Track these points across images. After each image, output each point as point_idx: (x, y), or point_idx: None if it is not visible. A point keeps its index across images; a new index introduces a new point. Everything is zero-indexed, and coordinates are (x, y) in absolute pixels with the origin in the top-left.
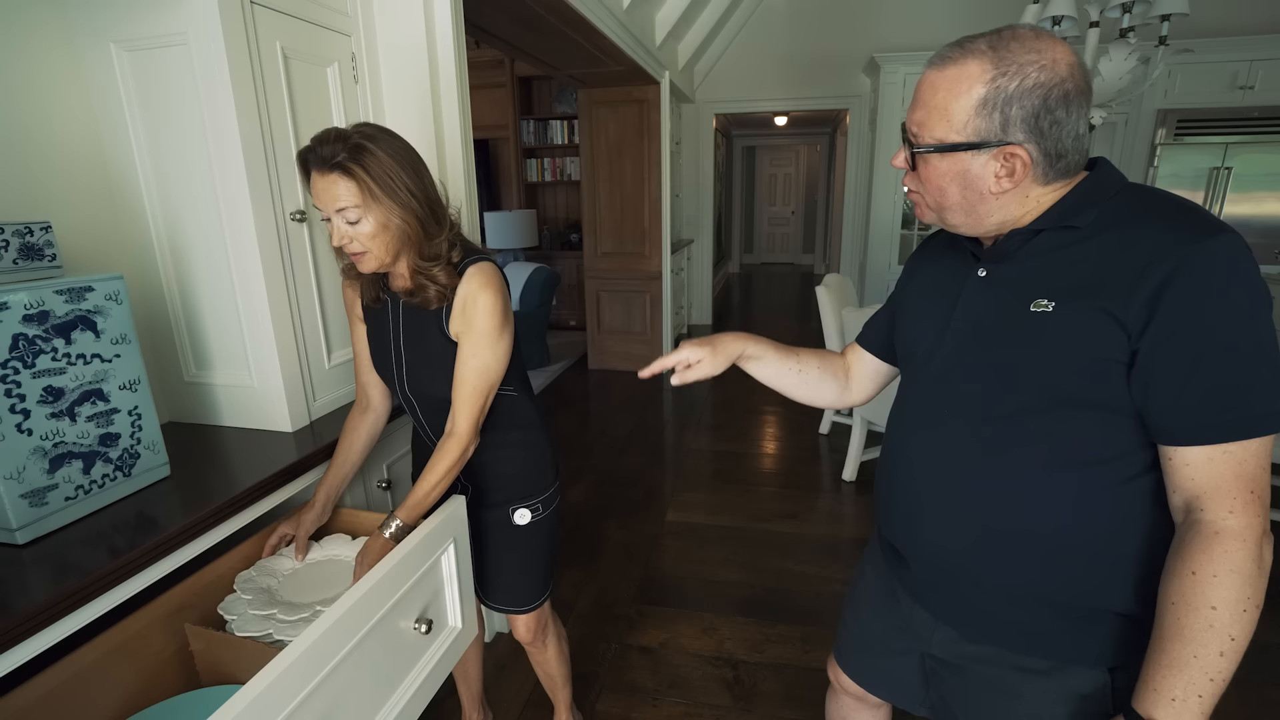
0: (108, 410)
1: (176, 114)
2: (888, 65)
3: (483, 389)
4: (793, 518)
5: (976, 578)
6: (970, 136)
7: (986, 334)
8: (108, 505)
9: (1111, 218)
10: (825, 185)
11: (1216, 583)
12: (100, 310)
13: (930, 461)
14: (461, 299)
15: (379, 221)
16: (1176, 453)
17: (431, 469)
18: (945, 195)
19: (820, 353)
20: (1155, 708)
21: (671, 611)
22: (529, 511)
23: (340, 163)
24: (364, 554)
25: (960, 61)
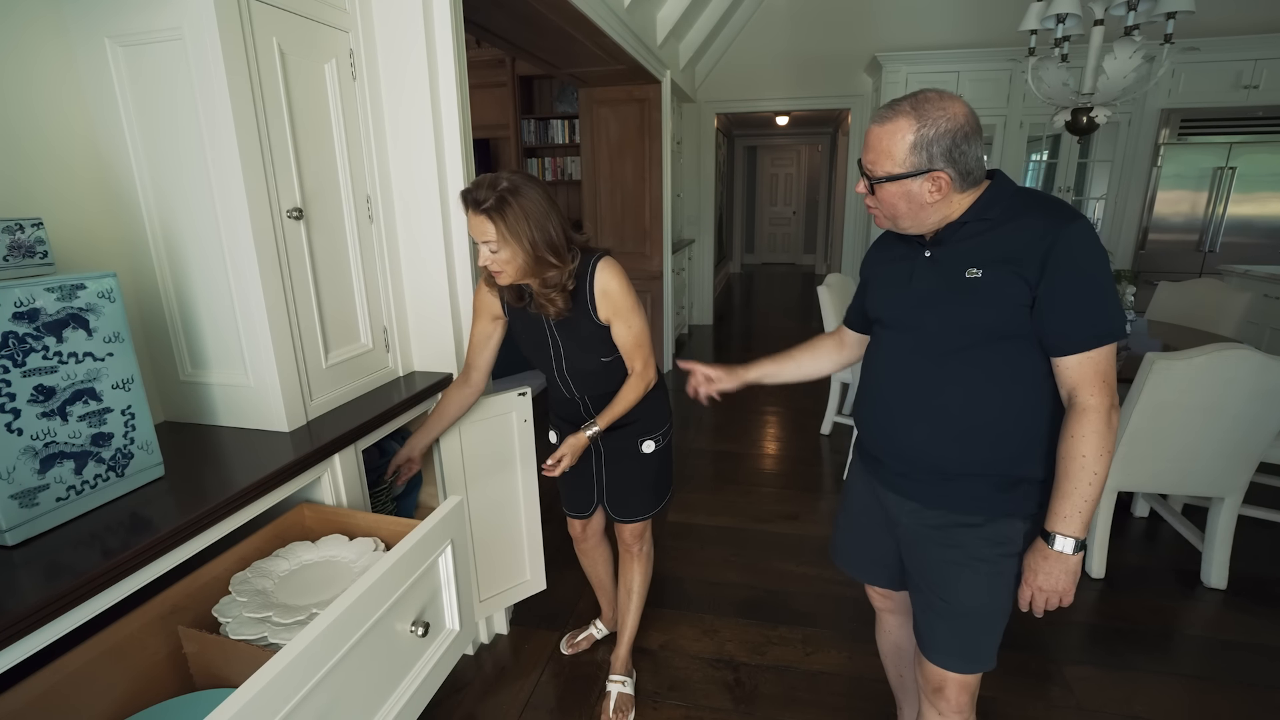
0: (100, 410)
1: (171, 110)
2: (890, 65)
3: (644, 341)
4: (794, 519)
5: (935, 462)
6: (908, 168)
7: (935, 295)
8: (100, 506)
9: (1012, 211)
10: (826, 185)
11: (1084, 440)
12: (92, 308)
13: (902, 385)
14: (600, 290)
15: (511, 253)
16: (1061, 360)
17: (624, 395)
18: (897, 209)
19: (807, 343)
20: (1056, 524)
21: (672, 613)
22: (653, 442)
23: (487, 209)
24: (570, 443)
25: (893, 119)
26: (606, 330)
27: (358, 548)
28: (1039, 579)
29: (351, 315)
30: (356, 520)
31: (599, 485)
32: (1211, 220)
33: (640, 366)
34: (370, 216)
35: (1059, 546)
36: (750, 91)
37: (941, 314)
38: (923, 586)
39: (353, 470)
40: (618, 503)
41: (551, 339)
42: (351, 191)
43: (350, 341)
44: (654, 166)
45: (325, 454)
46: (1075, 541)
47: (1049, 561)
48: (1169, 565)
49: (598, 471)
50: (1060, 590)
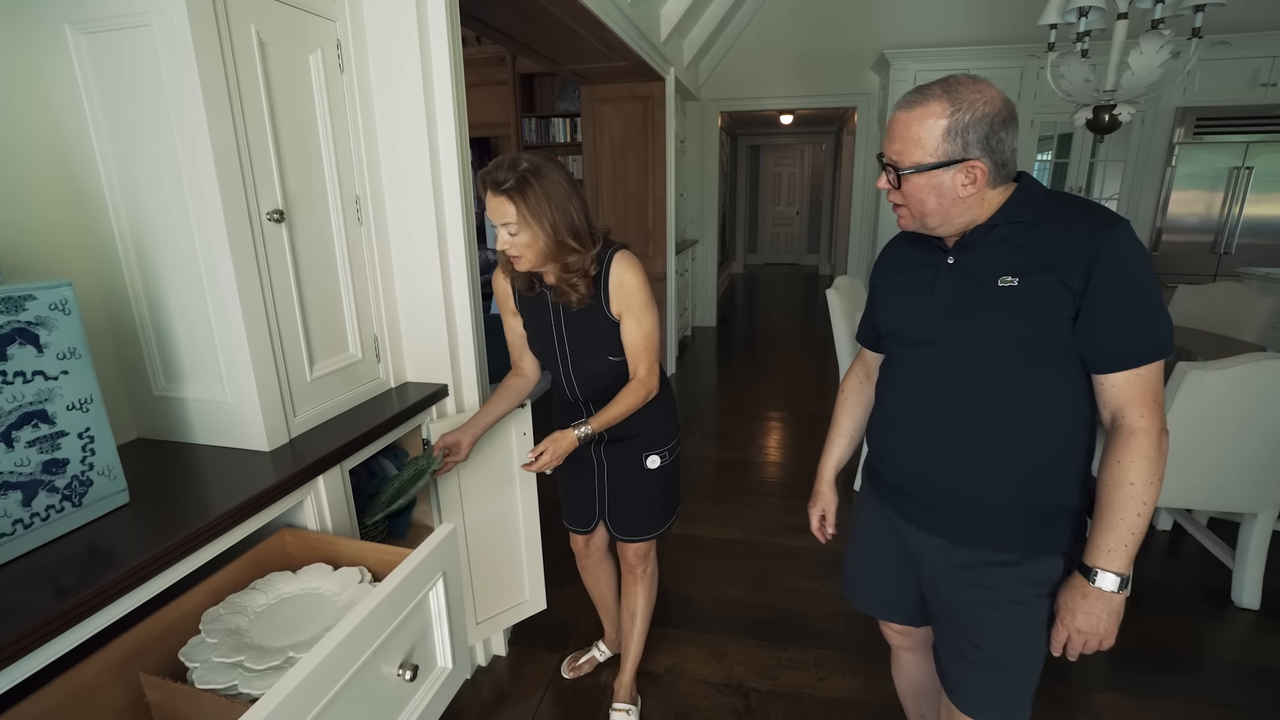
0: (52, 434)
1: (140, 102)
2: (898, 62)
3: (653, 345)
4: (803, 531)
5: (967, 496)
6: (940, 157)
7: (963, 306)
8: (54, 540)
9: (1047, 214)
10: (830, 185)
11: (1134, 466)
12: (43, 322)
13: (925, 408)
14: (615, 283)
15: (532, 234)
16: (1106, 378)
17: (622, 399)
18: (925, 205)
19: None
20: (1099, 559)
21: (678, 633)
22: (658, 457)
23: (508, 189)
24: (557, 442)
25: (924, 104)
26: (617, 326)
27: (342, 579)
28: (1077, 619)
29: (339, 324)
30: (342, 548)
31: (600, 500)
32: (1227, 221)
33: (644, 372)
34: (359, 218)
35: (1101, 583)
36: (755, 89)
37: (971, 327)
38: (950, 630)
39: (339, 492)
40: (620, 520)
41: (558, 333)
42: (339, 192)
43: (338, 352)
44: (658, 165)
45: (308, 476)
46: (1120, 578)
47: (1089, 600)
48: (1196, 583)
49: (599, 486)
50: (1101, 632)
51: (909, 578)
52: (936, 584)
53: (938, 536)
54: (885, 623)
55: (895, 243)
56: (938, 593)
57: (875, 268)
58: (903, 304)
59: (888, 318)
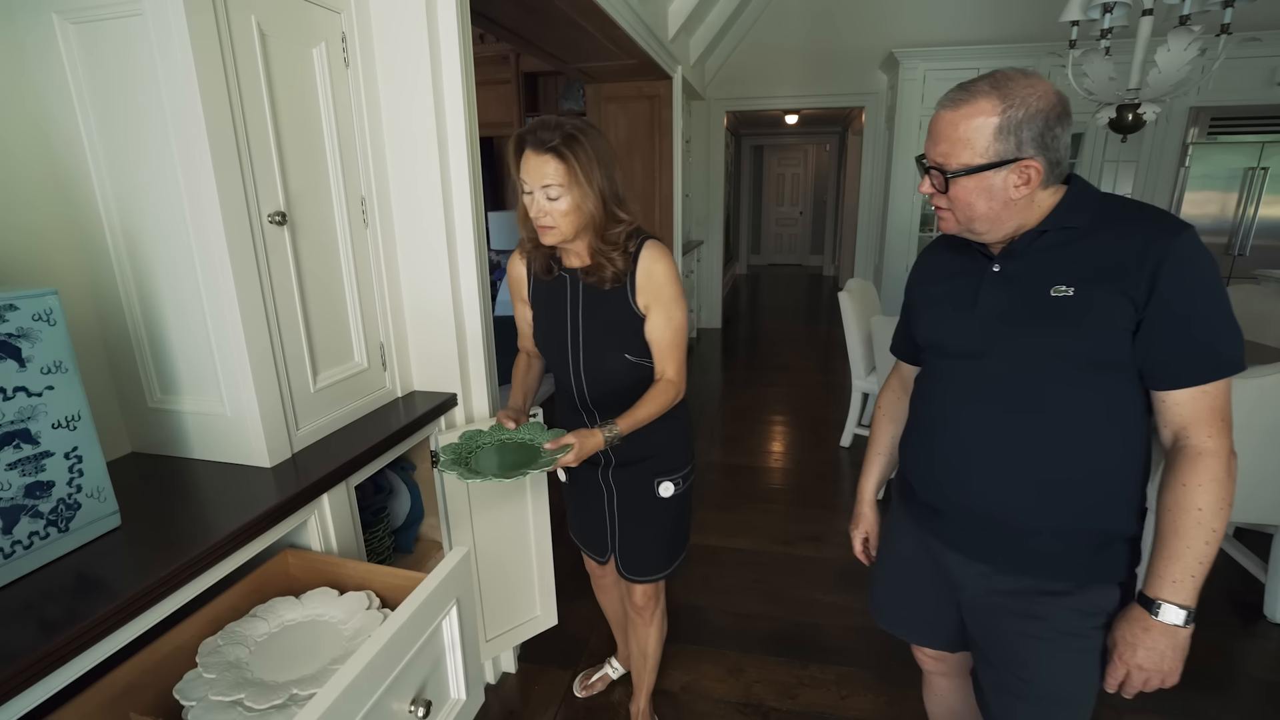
0: (36, 454)
1: (133, 98)
2: (907, 61)
3: (681, 342)
4: (817, 540)
5: (1016, 520)
6: (991, 158)
7: (1011, 317)
8: (38, 569)
9: (1104, 218)
10: (835, 185)
11: (1201, 490)
12: (26, 334)
13: (970, 426)
14: (645, 271)
15: (573, 202)
16: (1169, 395)
17: (652, 399)
18: (973, 209)
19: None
20: (1163, 590)
21: (693, 649)
22: (671, 484)
23: (555, 146)
24: (584, 442)
25: (971, 101)
26: (640, 321)
27: (348, 605)
28: (1138, 655)
29: (344, 331)
30: (348, 570)
31: (611, 532)
32: (1241, 222)
33: (673, 372)
34: (365, 221)
35: (1165, 617)
36: (761, 89)
37: (1020, 340)
38: (995, 662)
39: (344, 510)
40: (628, 557)
41: (573, 323)
42: (344, 193)
43: (342, 361)
44: (664, 165)
45: (312, 494)
46: (1186, 611)
47: (1151, 634)
48: (1225, 595)
49: (610, 515)
50: (1165, 670)
51: (946, 603)
52: (979, 612)
53: (980, 562)
54: (918, 647)
55: (933, 248)
56: (981, 622)
57: (912, 275)
58: (943, 315)
59: (927, 329)
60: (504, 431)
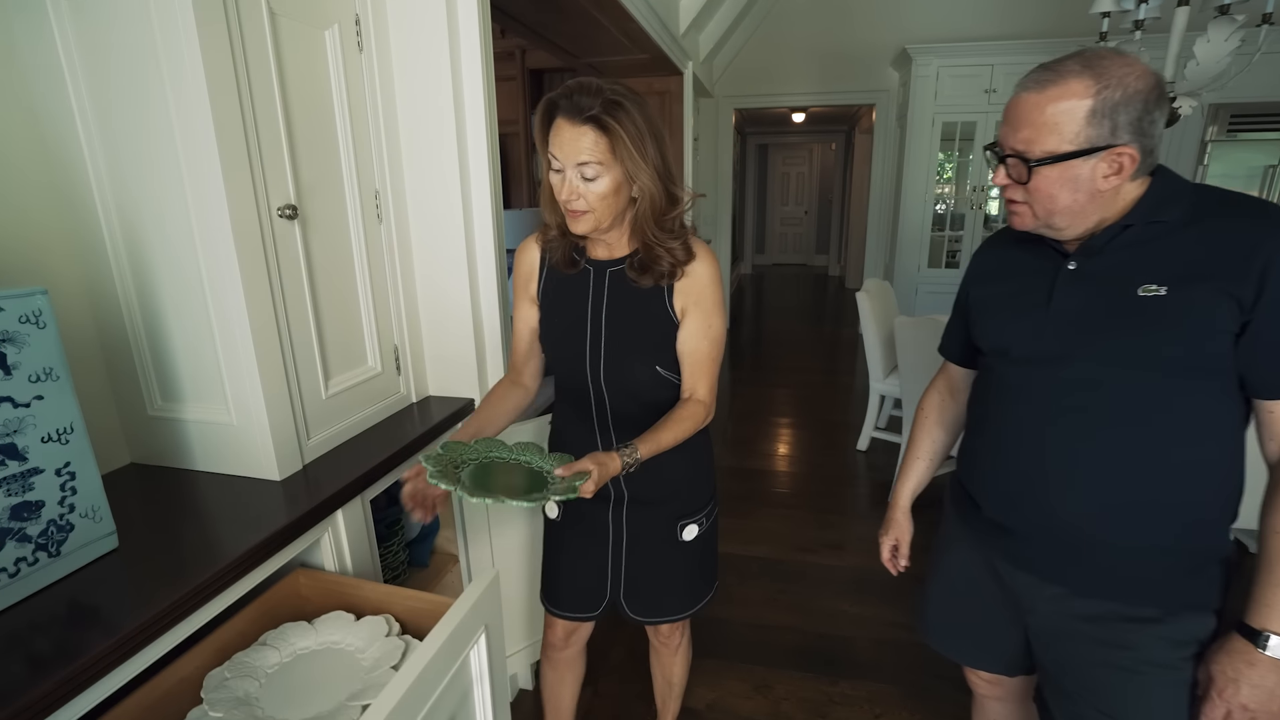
0: (23, 471)
1: (132, 81)
2: (920, 58)
3: (718, 357)
4: (839, 548)
5: (1100, 541)
6: (1082, 144)
7: (1092, 319)
8: (26, 598)
9: (1199, 211)
10: (841, 184)
11: None
12: (12, 337)
13: (1046, 438)
14: (689, 270)
15: (614, 182)
16: (1277, 406)
17: (679, 420)
18: (1055, 201)
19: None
20: (1270, 620)
21: (717, 664)
22: (696, 526)
23: (596, 115)
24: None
25: (1060, 82)
26: (674, 328)
27: (367, 632)
28: (1242, 693)
29: (357, 334)
30: (364, 592)
31: (615, 576)
32: None
33: (704, 392)
34: (379, 216)
35: (1275, 650)
36: (769, 86)
37: (1103, 344)
38: (1071, 691)
39: (359, 526)
40: (640, 600)
41: (594, 325)
42: (357, 186)
43: (355, 365)
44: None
45: (326, 510)
46: None
47: (1258, 670)
48: None
49: (615, 559)
50: (1274, 711)
51: (1010, 626)
52: (1053, 638)
53: (1056, 584)
54: (973, 669)
55: (994, 245)
56: (1054, 648)
57: (969, 274)
58: (1011, 316)
59: (991, 332)
60: (494, 447)
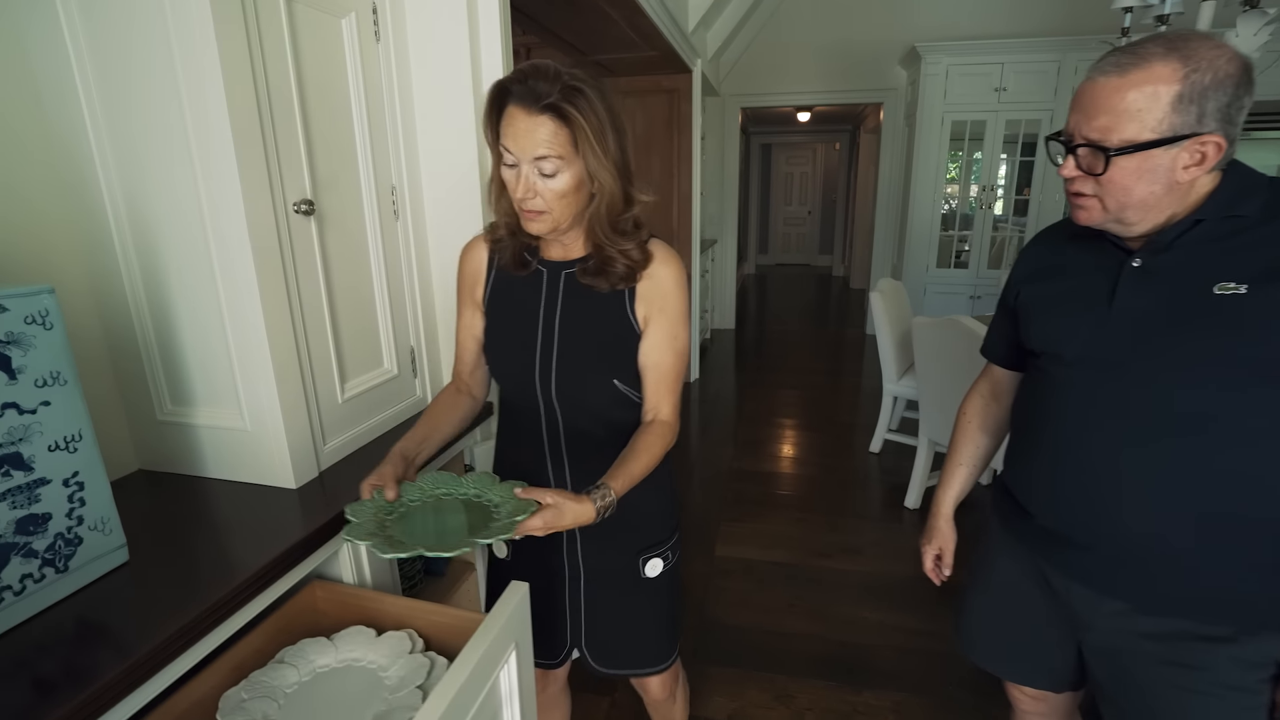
0: (29, 483)
1: (142, 68)
2: (930, 56)
3: (682, 372)
4: (856, 553)
5: (1170, 553)
6: (1165, 132)
7: (1161, 320)
8: (33, 616)
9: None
10: (845, 184)
11: None
12: (17, 339)
13: (1111, 446)
14: (650, 275)
15: (576, 178)
16: None
17: (647, 447)
18: (1130, 194)
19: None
20: None
21: (736, 673)
22: (660, 560)
23: (555, 104)
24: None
25: (1143, 65)
26: (636, 337)
27: (389, 648)
28: None
29: (373, 334)
30: (384, 606)
31: (575, 622)
32: None
33: (668, 411)
34: (395, 212)
35: None
36: (776, 85)
37: (1176, 346)
38: (1131, 713)
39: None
40: (605, 650)
41: (545, 332)
42: (373, 181)
43: (371, 367)
44: (683, 162)
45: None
46: None
47: None
48: None
49: (572, 602)
50: None
51: (1060, 640)
52: (1112, 656)
53: (1118, 599)
54: (1016, 685)
55: (1046, 240)
56: (1114, 667)
57: (1016, 272)
58: (1067, 317)
59: (1045, 333)
60: (444, 483)
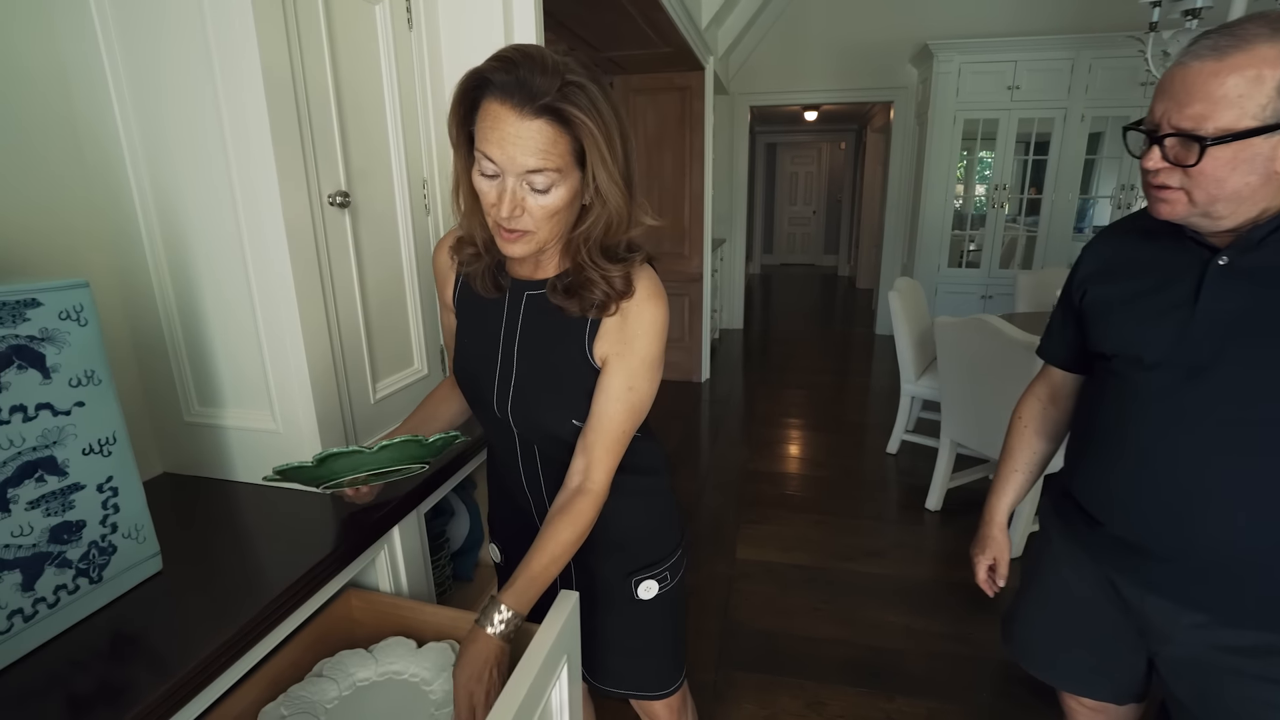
0: (63, 488)
1: (173, 53)
2: (942, 54)
3: (630, 431)
4: (878, 555)
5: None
6: (1268, 119)
7: (1250, 323)
8: (66, 630)
9: None
10: (851, 183)
11: None
12: (52, 336)
13: (1213, 462)
14: (623, 314)
15: (571, 193)
16: None
17: (554, 536)
18: (1223, 186)
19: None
20: None
21: (765, 679)
22: (655, 582)
23: (554, 105)
24: (465, 668)
25: (1246, 48)
26: (593, 375)
27: (431, 661)
28: None
29: (404, 332)
30: (423, 616)
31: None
32: None
33: (600, 480)
34: (427, 207)
35: None
36: (785, 83)
37: (1263, 351)
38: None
39: (414, 542)
40: (614, 672)
41: (505, 355)
42: (405, 173)
43: (402, 366)
44: (695, 160)
45: (383, 527)
46: None
47: None
48: None
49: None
50: None
51: (1128, 652)
52: (1194, 671)
53: (1199, 611)
54: (1075, 696)
55: (1115, 235)
56: (1195, 682)
57: (1082, 271)
58: (1144, 318)
59: (1118, 335)
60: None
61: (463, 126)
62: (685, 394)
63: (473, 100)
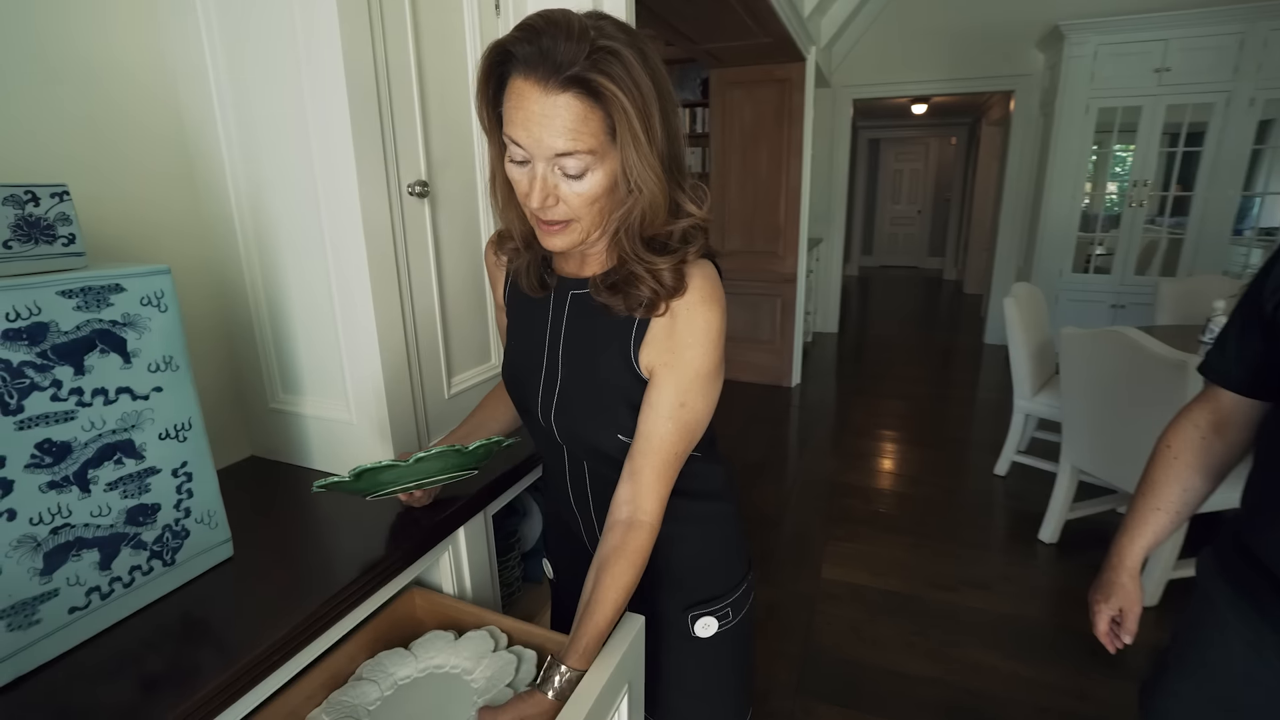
0: (140, 471)
1: (266, 47)
2: (1075, 35)
3: (684, 453)
4: (984, 588)
5: None
6: None
7: None
8: (137, 611)
9: None
10: (962, 181)
11: None
12: (133, 321)
13: None
14: (672, 315)
15: (610, 176)
16: None
17: (614, 583)
18: None
19: (1165, 461)
20: None
21: (849, 714)
22: (714, 619)
23: (581, 76)
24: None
25: None
26: (640, 385)
27: (471, 650)
28: None
29: (482, 326)
30: (464, 612)
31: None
32: None
33: (652, 510)
34: None
35: None
36: (892, 74)
37: None
38: None
39: (480, 544)
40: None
41: (550, 360)
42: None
43: (478, 361)
44: (793, 155)
45: (449, 526)
46: None
47: None
48: None
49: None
50: None
51: None
52: None
53: None
54: None
55: None
56: None
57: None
58: None
59: None
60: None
61: (493, 108)
62: (774, 399)
63: (500, 77)
